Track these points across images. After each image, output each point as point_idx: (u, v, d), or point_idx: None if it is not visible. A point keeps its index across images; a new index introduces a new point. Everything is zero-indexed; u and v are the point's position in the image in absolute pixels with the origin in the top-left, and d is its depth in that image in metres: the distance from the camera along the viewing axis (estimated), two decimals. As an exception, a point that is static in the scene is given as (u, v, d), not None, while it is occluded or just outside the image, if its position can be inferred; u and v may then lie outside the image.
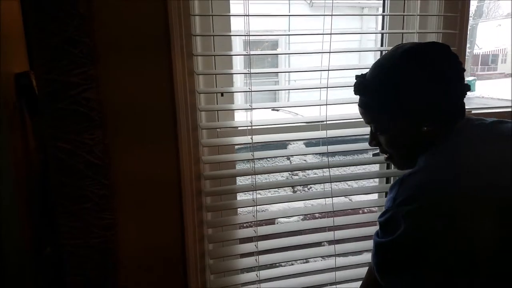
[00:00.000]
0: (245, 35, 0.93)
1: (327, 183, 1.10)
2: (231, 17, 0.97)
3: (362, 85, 0.74)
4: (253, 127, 0.99)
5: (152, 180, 0.93)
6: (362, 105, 0.75)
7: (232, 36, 0.99)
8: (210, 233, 1.06)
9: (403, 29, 1.13)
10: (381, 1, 1.18)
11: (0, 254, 0.87)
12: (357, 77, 0.76)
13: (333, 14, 0.98)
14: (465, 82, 0.71)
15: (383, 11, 1.15)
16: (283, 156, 1.50)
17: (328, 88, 1.03)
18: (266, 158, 1.13)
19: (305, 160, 2.69)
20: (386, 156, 0.80)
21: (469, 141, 0.68)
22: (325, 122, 1.07)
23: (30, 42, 0.85)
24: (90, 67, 0.82)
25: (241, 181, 1.13)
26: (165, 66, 0.87)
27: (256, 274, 1.07)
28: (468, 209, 0.62)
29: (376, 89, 0.71)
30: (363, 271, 1.09)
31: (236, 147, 1.07)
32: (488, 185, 0.63)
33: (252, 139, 0.99)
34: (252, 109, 0.97)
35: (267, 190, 2.49)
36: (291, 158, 2.90)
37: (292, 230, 1.14)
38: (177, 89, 0.88)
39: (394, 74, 0.69)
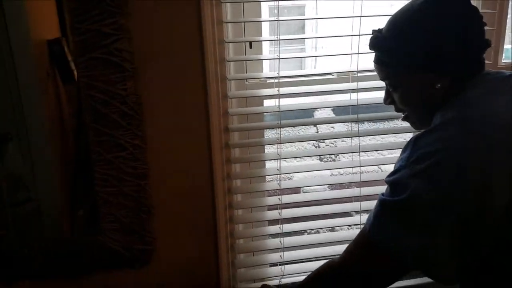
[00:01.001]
0: (274, 0, 0.94)
1: (356, 152, 1.10)
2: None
3: (378, 39, 0.73)
4: (280, 80, 1.00)
5: (182, 131, 0.97)
6: (377, 60, 0.75)
7: (260, 4, 1.00)
8: (238, 200, 1.10)
9: None
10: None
11: (38, 212, 0.95)
12: (373, 31, 0.76)
13: None
14: (486, 38, 0.70)
15: None
16: (312, 124, 1.50)
17: (359, 55, 1.02)
18: (293, 126, 1.14)
19: (332, 128, 2.66)
20: (402, 115, 0.80)
21: (486, 94, 0.66)
22: (356, 74, 1.06)
23: (61, 8, 0.88)
24: (121, 17, 0.84)
25: (267, 149, 1.15)
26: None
27: (280, 241, 1.10)
28: (489, 164, 0.60)
29: (392, 43, 0.71)
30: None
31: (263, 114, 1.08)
32: (507, 137, 0.61)
33: (279, 91, 1.00)
34: (279, 58, 0.98)
35: (293, 158, 2.49)
36: (318, 126, 2.87)
37: (316, 199, 1.14)
38: (205, 38, 0.90)
39: (410, 27, 0.69)
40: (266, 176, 1.11)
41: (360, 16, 1.00)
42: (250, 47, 1.01)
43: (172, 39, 0.91)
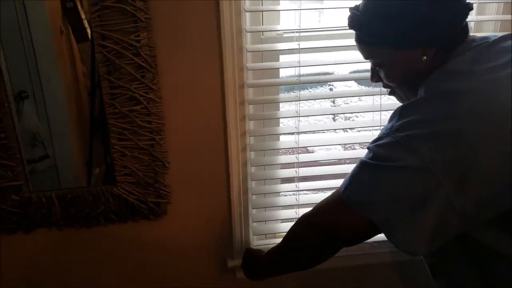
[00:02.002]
0: None
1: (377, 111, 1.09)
2: None
3: (357, 18, 0.71)
4: (301, 34, 0.98)
5: (196, 87, 0.97)
6: (359, 40, 0.73)
7: None
8: (253, 157, 1.12)
9: None
10: None
11: (55, 168, 0.98)
12: (350, 9, 0.73)
13: None
14: (467, 2, 0.67)
15: None
16: (332, 81, 1.47)
17: None
18: (313, 83, 1.12)
19: (349, 86, 2.62)
20: (388, 91, 0.79)
21: (470, 64, 0.65)
22: None
23: None
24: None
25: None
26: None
27: (296, 198, 1.13)
28: (472, 135, 0.59)
29: (370, 21, 0.69)
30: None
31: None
32: (491, 107, 0.60)
33: (299, 45, 0.98)
34: (300, 9, 0.96)
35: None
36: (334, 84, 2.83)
37: (331, 159, 1.17)
38: None
39: (387, 2, 0.67)
40: (282, 135, 1.13)
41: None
42: (268, -3, 0.98)
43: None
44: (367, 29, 0.70)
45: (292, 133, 1.09)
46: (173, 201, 1.05)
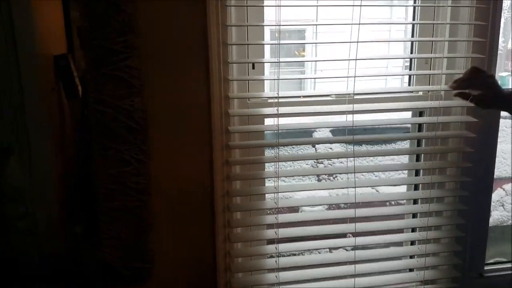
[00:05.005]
0: (275, 25, 1.08)
1: (351, 173, 1.21)
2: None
3: None
4: (280, 100, 1.13)
5: (184, 147, 1.09)
6: None
7: (263, 27, 1.14)
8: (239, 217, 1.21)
9: (434, 20, 1.24)
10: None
11: (34, 226, 1.02)
12: None
13: (361, 4, 1.09)
14: None
15: (414, 1, 1.27)
16: (308, 144, 1.64)
17: (356, 78, 1.15)
18: (291, 145, 1.26)
19: (331, 148, 2.84)
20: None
21: None
22: (352, 96, 1.19)
23: (68, 24, 1.01)
24: (131, 36, 0.96)
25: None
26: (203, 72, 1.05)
27: (275, 261, 1.20)
28: None
29: None
30: (384, 265, 1.19)
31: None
32: None
33: (278, 111, 1.12)
34: (279, 79, 1.12)
35: (291, 178, 2.62)
36: (317, 145, 3.05)
37: (311, 220, 1.24)
38: (211, 58, 1.04)
39: None
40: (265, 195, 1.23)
41: (357, 42, 1.14)
42: (253, 67, 1.14)
43: (178, 58, 1.04)
44: None
45: (272, 193, 1.17)
46: (157, 265, 1.10)
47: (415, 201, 1.35)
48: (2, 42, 0.96)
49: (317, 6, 1.14)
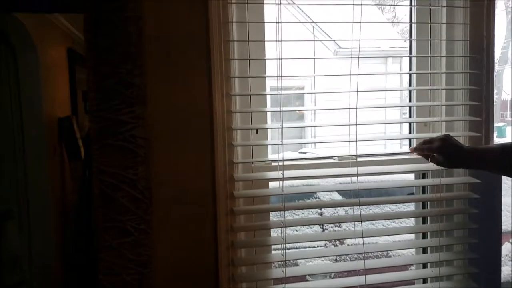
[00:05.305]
0: (277, 76, 1.13)
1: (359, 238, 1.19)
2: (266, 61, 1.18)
3: None
4: (284, 163, 1.15)
5: (188, 214, 1.08)
6: None
7: (265, 84, 1.19)
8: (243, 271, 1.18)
9: (429, 69, 1.30)
10: (405, 47, 1.36)
11: None
12: None
13: (359, 56, 1.16)
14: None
15: (410, 53, 1.34)
16: (315, 208, 1.63)
17: (358, 126, 1.19)
18: (296, 209, 1.26)
19: (336, 213, 2.83)
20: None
21: None
22: (355, 158, 1.21)
23: (73, 88, 1.04)
24: (139, 107, 0.99)
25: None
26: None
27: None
28: None
29: None
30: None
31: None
32: None
33: (283, 174, 1.13)
34: (283, 144, 1.14)
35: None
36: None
37: (319, 273, 1.24)
38: (216, 125, 1.08)
39: None
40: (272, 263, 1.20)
41: (356, 108, 1.18)
42: (256, 132, 1.17)
43: (183, 125, 1.07)
44: None
45: (279, 243, 1.16)
46: None
47: (424, 265, 1.34)
48: (7, 107, 0.98)
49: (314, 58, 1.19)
